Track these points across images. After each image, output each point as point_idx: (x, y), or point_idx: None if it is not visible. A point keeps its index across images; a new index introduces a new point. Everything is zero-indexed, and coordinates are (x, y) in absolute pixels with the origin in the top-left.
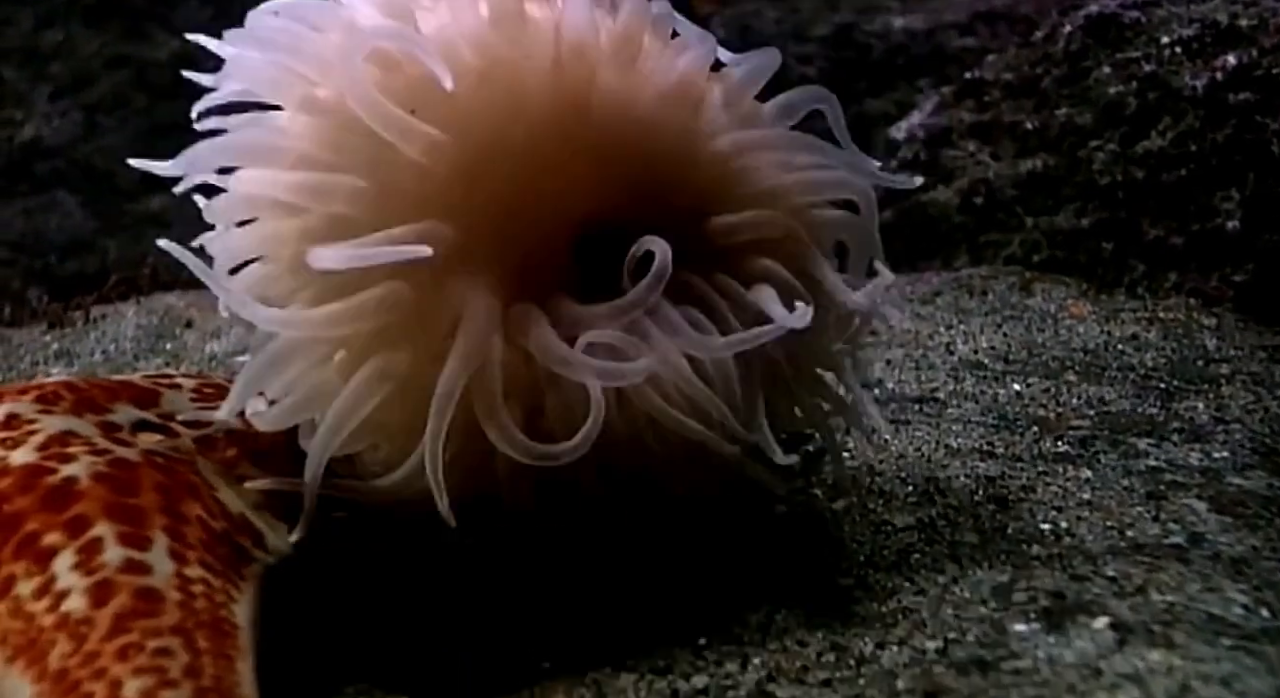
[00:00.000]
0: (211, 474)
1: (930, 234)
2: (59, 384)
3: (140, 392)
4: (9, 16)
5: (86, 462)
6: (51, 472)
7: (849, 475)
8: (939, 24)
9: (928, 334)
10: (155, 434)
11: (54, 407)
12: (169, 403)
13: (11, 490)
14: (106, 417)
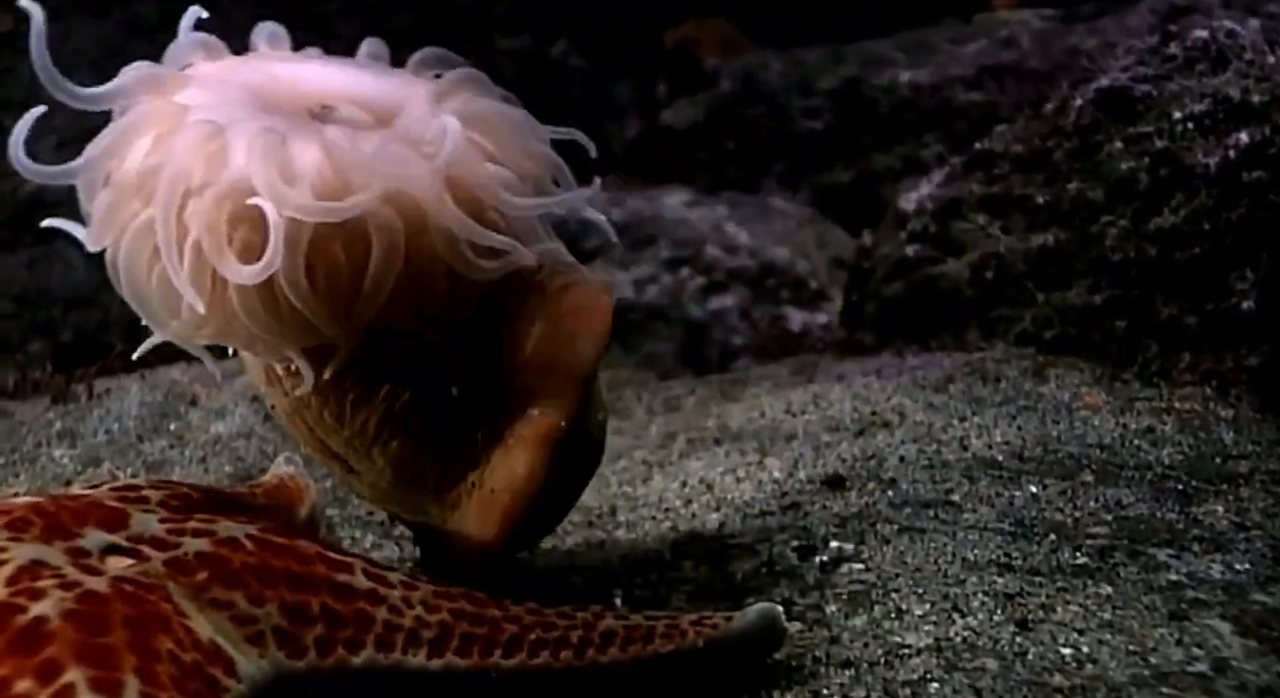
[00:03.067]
0: (182, 599)
1: (940, 308)
2: (28, 508)
3: (109, 513)
4: (11, 66)
5: (56, 598)
6: (22, 610)
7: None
8: (946, 78)
9: (941, 427)
10: (125, 558)
11: (23, 534)
12: (138, 524)
13: None
14: (75, 542)
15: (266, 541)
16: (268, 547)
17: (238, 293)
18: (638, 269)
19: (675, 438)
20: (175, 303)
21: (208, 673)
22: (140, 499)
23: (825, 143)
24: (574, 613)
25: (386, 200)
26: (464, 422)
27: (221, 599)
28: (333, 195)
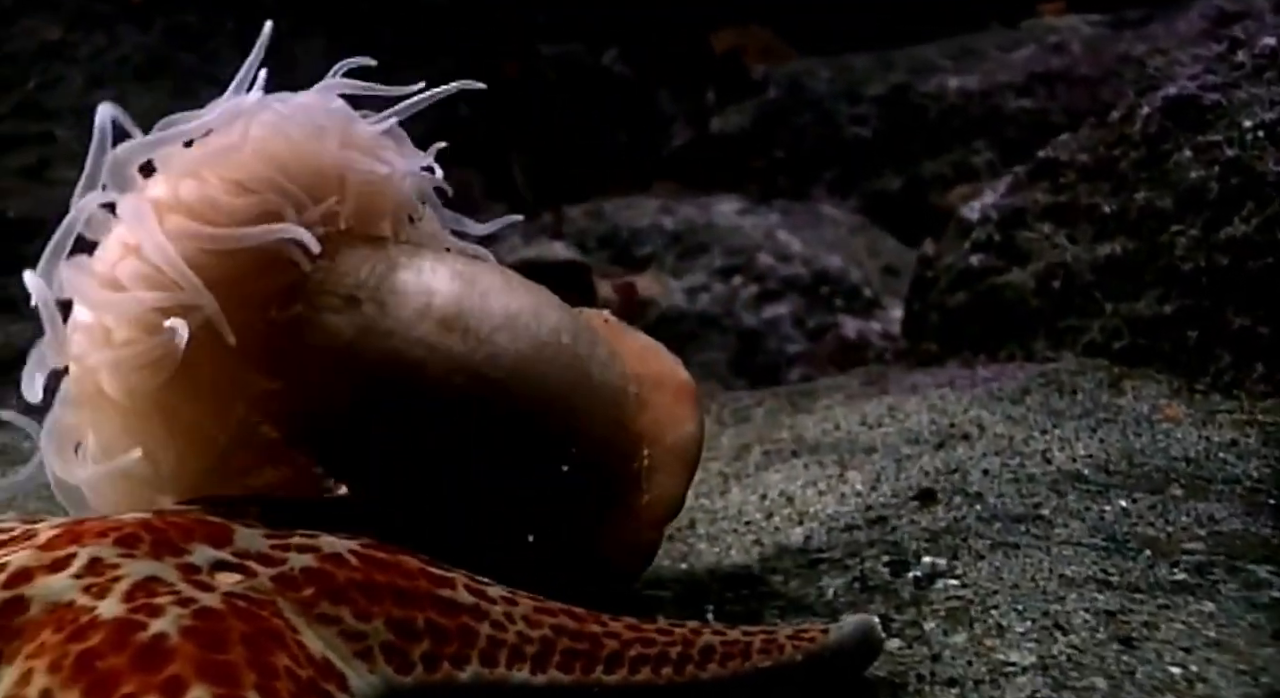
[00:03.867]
0: (292, 615)
1: (1006, 318)
2: (136, 524)
3: (213, 529)
4: (61, 76)
5: (174, 615)
6: (142, 627)
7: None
8: (995, 85)
9: (1022, 439)
10: (234, 574)
11: (134, 550)
12: (242, 540)
13: (105, 648)
14: (185, 558)
15: (369, 556)
16: (371, 562)
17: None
18: (690, 277)
19: (750, 449)
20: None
21: (322, 689)
22: (240, 514)
23: (874, 150)
24: (672, 629)
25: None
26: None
27: (330, 615)
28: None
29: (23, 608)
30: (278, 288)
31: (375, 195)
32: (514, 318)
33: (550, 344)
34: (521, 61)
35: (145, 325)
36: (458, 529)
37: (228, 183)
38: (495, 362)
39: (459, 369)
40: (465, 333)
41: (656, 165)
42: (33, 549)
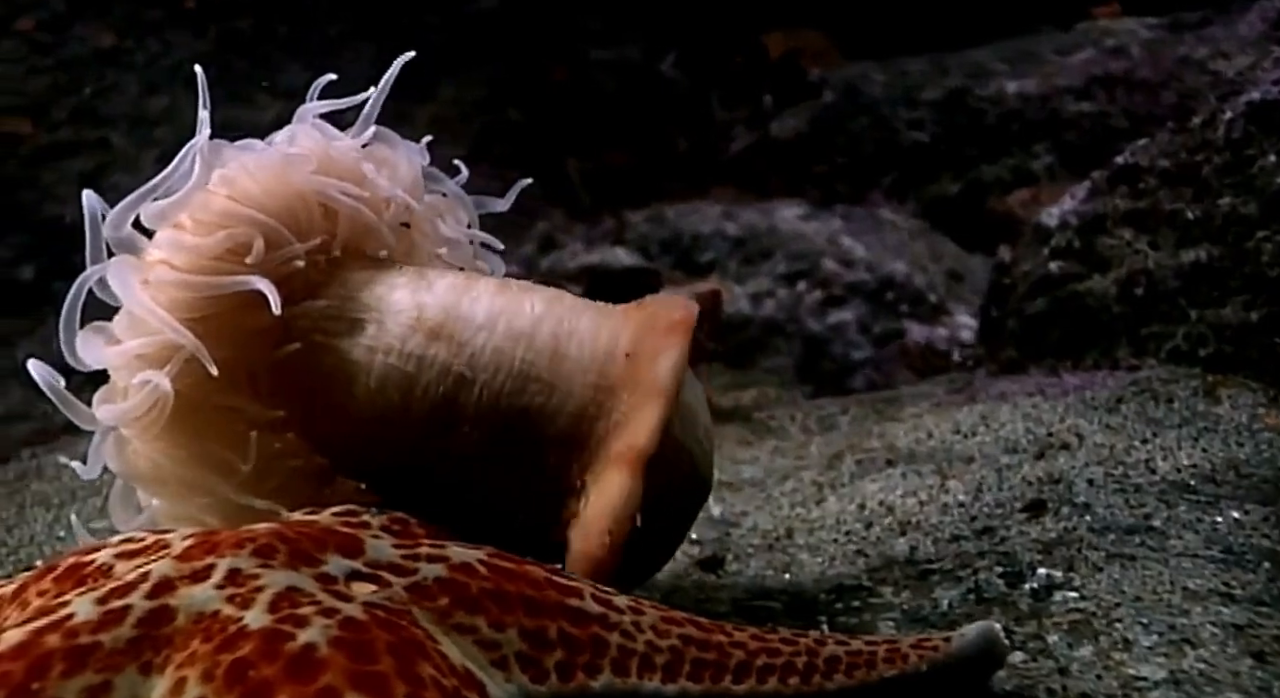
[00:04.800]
0: (429, 624)
1: (1088, 325)
2: (271, 534)
3: (345, 539)
4: (116, 82)
5: (321, 625)
6: (290, 637)
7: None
8: (1054, 88)
9: (1123, 449)
10: (368, 584)
11: (271, 560)
12: (372, 550)
13: (256, 658)
14: (320, 568)
15: (497, 565)
16: (500, 572)
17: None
18: (754, 283)
19: (842, 458)
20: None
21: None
22: (364, 524)
23: (931, 154)
24: (796, 639)
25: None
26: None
27: (465, 624)
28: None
29: (169, 618)
30: (269, 324)
31: (363, 215)
32: (495, 317)
33: (526, 333)
34: (570, 66)
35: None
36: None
37: (196, 223)
38: (474, 361)
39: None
40: (449, 340)
41: (714, 170)
42: (170, 560)
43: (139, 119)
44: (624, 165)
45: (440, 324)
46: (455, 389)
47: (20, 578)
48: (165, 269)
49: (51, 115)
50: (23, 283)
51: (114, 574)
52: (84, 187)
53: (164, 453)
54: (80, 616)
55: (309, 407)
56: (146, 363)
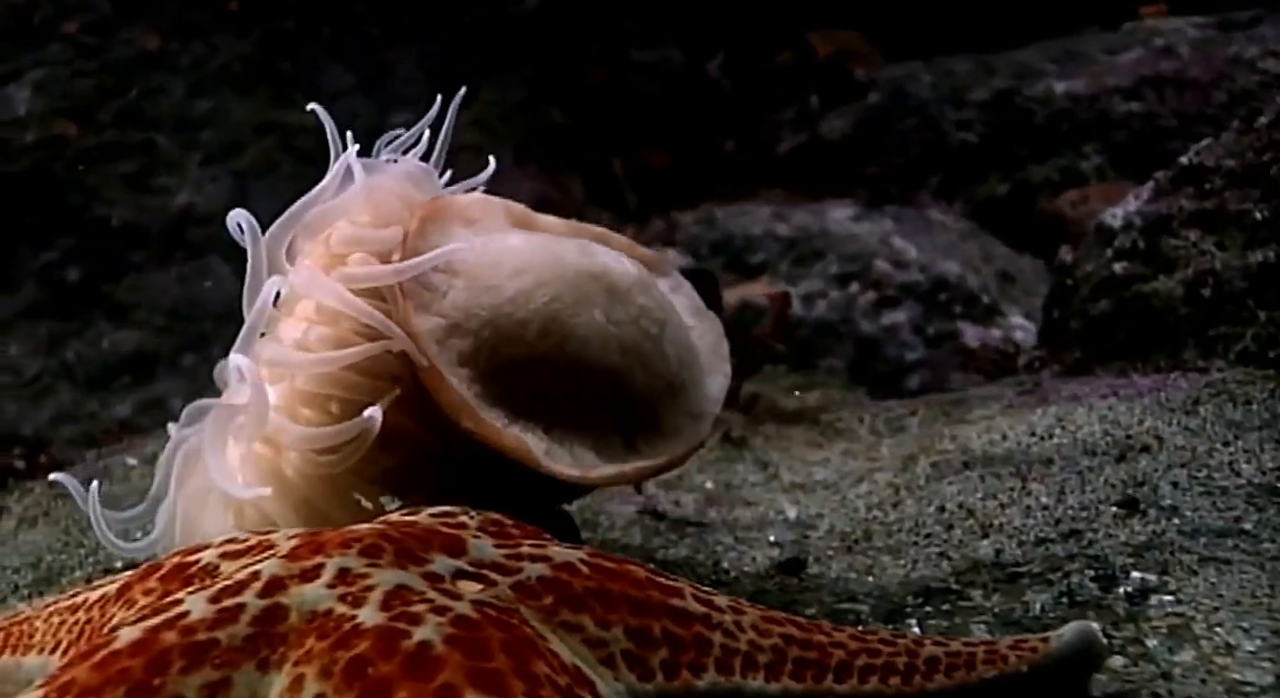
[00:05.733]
0: (537, 622)
1: (1154, 326)
2: (375, 534)
3: (448, 539)
4: (161, 85)
5: (434, 623)
6: (406, 635)
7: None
8: (1103, 88)
9: (1205, 451)
10: (474, 583)
11: (378, 559)
12: (474, 549)
13: (373, 655)
14: (427, 567)
15: (599, 565)
16: (602, 571)
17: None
18: (806, 284)
19: (916, 460)
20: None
21: (578, 696)
22: (462, 525)
23: (979, 155)
24: (895, 639)
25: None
26: None
27: (572, 622)
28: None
29: (282, 616)
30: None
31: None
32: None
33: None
34: (610, 67)
35: (340, 385)
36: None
37: (376, 222)
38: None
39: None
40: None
41: (762, 171)
42: (279, 560)
43: (184, 121)
44: (666, 166)
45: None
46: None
47: (122, 577)
48: (347, 268)
49: (97, 118)
50: (70, 285)
51: (220, 574)
52: (131, 188)
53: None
54: (195, 613)
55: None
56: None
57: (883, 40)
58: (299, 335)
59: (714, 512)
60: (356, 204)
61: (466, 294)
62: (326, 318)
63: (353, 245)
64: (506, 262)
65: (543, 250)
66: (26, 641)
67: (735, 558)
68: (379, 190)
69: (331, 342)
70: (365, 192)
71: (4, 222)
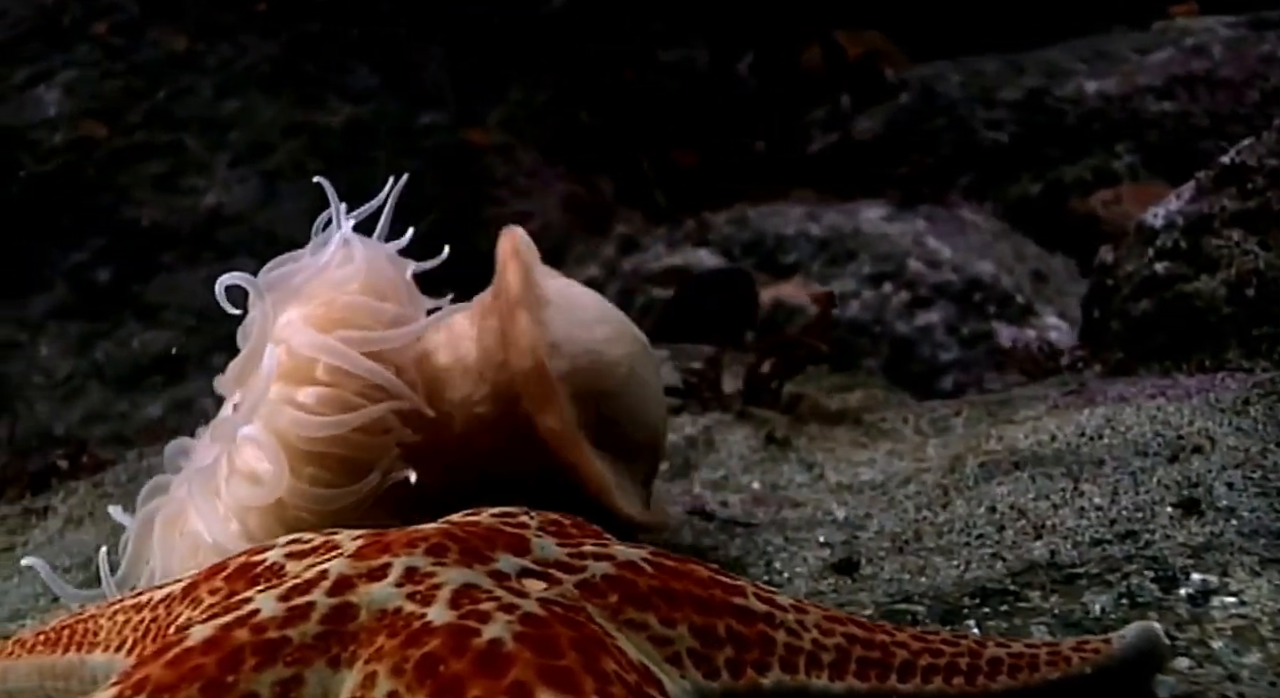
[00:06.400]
0: (603, 620)
1: (1196, 326)
2: (440, 533)
3: (512, 538)
4: (190, 86)
5: (503, 621)
6: (476, 633)
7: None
8: (1135, 88)
9: (1258, 452)
10: (539, 581)
11: (444, 558)
12: (538, 548)
13: (444, 652)
14: (492, 566)
15: (662, 563)
16: (665, 570)
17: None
18: (839, 284)
19: (964, 461)
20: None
21: (647, 693)
22: (523, 525)
23: (1010, 154)
24: (957, 640)
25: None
26: None
27: (637, 621)
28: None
29: (352, 614)
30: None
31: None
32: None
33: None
34: (638, 67)
35: (344, 445)
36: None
37: (367, 293)
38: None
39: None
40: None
41: (793, 171)
42: (346, 559)
43: (212, 122)
44: (694, 166)
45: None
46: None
47: (187, 577)
48: (346, 331)
49: (126, 119)
50: (100, 285)
51: (286, 573)
52: (160, 189)
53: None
54: (266, 611)
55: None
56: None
57: (904, 40)
58: (302, 397)
59: (761, 512)
60: (357, 278)
61: (563, 322)
62: (329, 379)
63: (358, 314)
64: (585, 306)
65: (608, 305)
66: (91, 639)
67: (787, 558)
68: (375, 266)
69: (336, 403)
70: (366, 267)
71: (35, 222)
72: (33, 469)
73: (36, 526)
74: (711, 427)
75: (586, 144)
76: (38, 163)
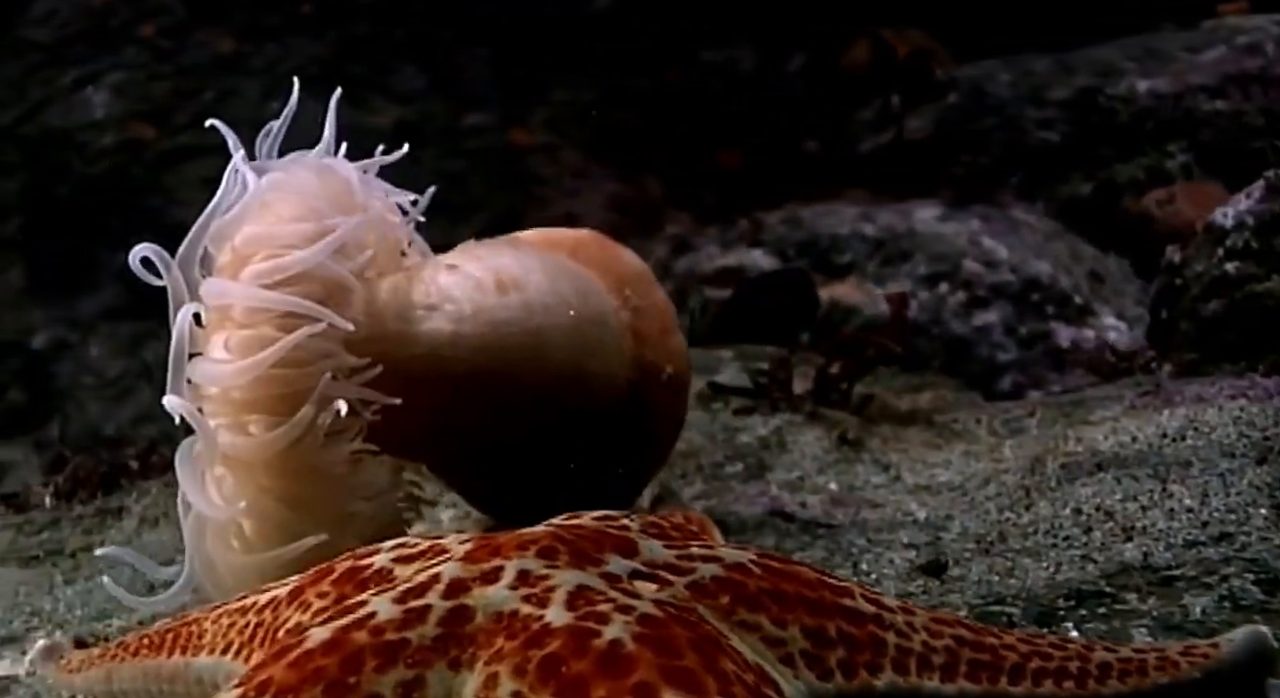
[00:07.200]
0: (715, 621)
1: (1268, 326)
2: (549, 536)
3: (620, 540)
4: (237, 87)
5: (621, 622)
6: (596, 634)
7: None
8: (1187, 87)
9: None
10: (650, 583)
11: (556, 560)
12: (646, 550)
13: (566, 653)
14: (603, 568)
15: (769, 565)
16: (773, 571)
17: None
18: (894, 285)
19: (1044, 462)
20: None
21: (766, 694)
22: (626, 527)
23: (1061, 154)
24: (1064, 643)
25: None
26: None
27: (749, 622)
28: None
29: (468, 617)
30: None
31: (389, 237)
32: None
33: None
34: (681, 67)
35: (275, 383)
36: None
37: (281, 218)
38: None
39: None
40: (506, 290)
41: (844, 171)
42: (457, 562)
43: (259, 123)
44: (740, 166)
45: (500, 281)
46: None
47: (292, 581)
48: (253, 266)
49: (174, 120)
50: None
51: (396, 577)
52: (207, 190)
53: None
54: (383, 614)
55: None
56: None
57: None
58: (222, 347)
59: (841, 513)
60: (254, 208)
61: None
62: (246, 321)
63: (259, 244)
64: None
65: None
66: (196, 642)
67: (873, 560)
68: (275, 190)
69: (254, 343)
70: (260, 194)
71: (84, 224)
72: (104, 470)
73: (113, 526)
74: (782, 427)
75: (631, 144)
76: (86, 164)
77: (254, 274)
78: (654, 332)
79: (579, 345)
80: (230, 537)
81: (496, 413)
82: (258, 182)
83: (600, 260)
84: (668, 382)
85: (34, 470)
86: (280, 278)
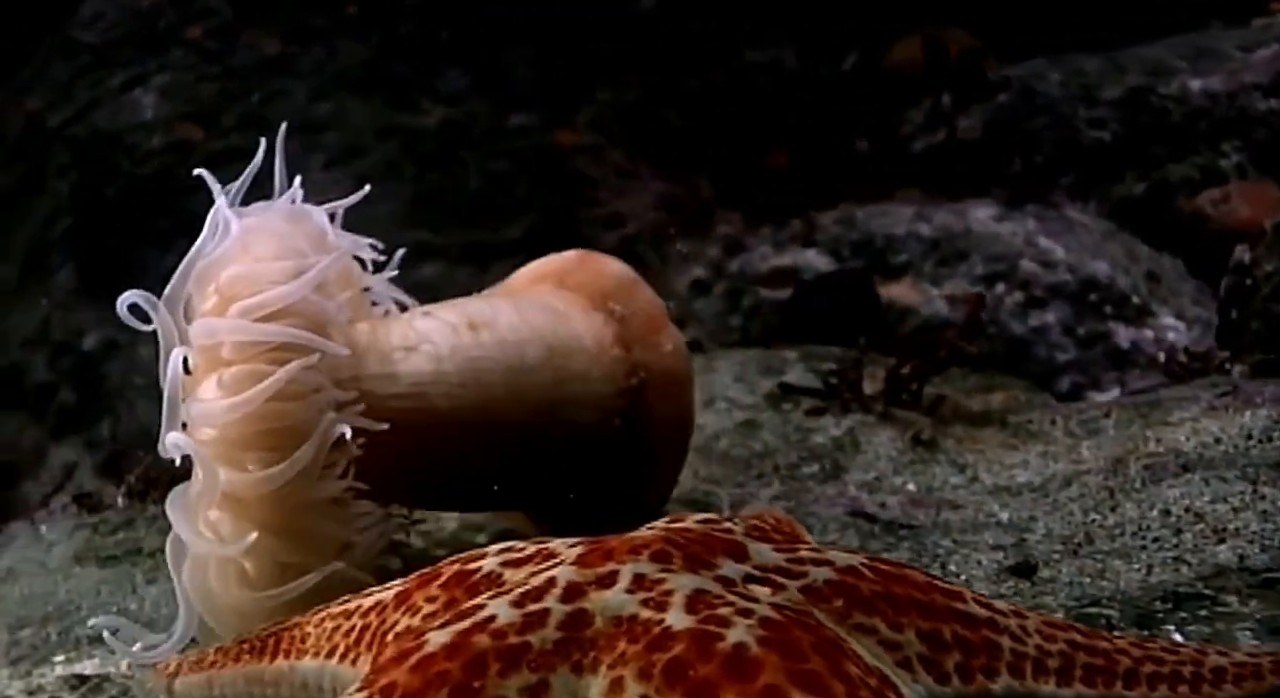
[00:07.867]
0: (831, 625)
1: None
2: (660, 541)
3: (730, 544)
4: (283, 89)
5: (743, 626)
6: (719, 637)
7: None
8: (1241, 85)
9: None
10: (764, 587)
11: (670, 565)
12: (756, 554)
13: (690, 657)
14: (717, 572)
15: (880, 568)
16: (884, 575)
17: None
18: (951, 285)
19: (1125, 463)
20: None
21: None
22: (730, 530)
23: (1114, 154)
24: (1177, 647)
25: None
26: None
27: (865, 625)
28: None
29: (587, 621)
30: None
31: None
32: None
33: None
34: (725, 67)
35: (271, 417)
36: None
37: (261, 258)
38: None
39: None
40: (478, 329)
41: (896, 170)
42: (571, 566)
43: (306, 125)
44: (789, 166)
45: (473, 322)
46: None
47: (396, 585)
48: (239, 304)
49: (221, 122)
50: None
51: (505, 581)
52: (255, 192)
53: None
54: (502, 618)
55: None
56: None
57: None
58: (215, 386)
59: (921, 514)
60: (235, 251)
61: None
62: (236, 357)
63: (243, 283)
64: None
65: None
66: (299, 645)
67: (960, 561)
68: (253, 232)
69: (246, 378)
70: (241, 236)
71: (133, 224)
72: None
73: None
74: (855, 428)
75: (676, 144)
76: (135, 165)
77: (241, 310)
78: (643, 333)
79: (558, 369)
80: (232, 575)
81: (481, 447)
82: (239, 224)
83: (583, 280)
84: (663, 377)
85: (87, 471)
86: (267, 312)
